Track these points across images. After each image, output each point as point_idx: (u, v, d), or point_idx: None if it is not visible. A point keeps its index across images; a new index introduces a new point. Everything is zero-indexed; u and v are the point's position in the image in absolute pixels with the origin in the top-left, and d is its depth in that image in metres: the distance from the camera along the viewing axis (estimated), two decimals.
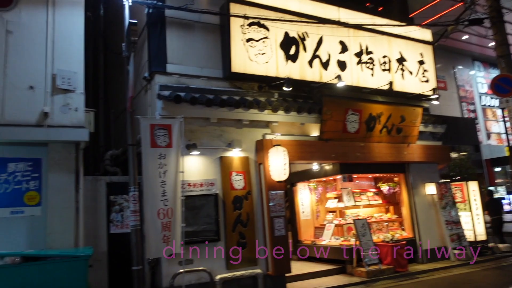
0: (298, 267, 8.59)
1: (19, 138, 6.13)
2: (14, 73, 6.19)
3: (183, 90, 6.94)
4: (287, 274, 7.46)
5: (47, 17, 6.56)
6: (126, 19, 6.61)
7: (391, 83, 9.17)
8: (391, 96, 9.37)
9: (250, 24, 7.62)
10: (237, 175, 7.33)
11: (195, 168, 7.06)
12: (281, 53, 7.97)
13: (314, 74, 8.32)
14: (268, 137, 7.70)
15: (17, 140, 6.19)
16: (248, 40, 7.59)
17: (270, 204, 7.31)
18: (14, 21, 6.36)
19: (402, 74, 9.73)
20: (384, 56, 9.47)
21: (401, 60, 9.76)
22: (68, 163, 6.41)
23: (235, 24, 7.47)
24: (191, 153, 6.94)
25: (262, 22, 7.75)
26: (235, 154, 7.43)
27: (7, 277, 5.04)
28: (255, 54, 7.62)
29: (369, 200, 10.17)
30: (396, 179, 10.22)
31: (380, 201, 10.37)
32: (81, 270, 5.35)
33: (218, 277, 6.78)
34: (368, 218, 9.32)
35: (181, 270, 6.34)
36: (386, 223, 9.99)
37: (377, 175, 10.47)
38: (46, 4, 6.57)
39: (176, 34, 7.35)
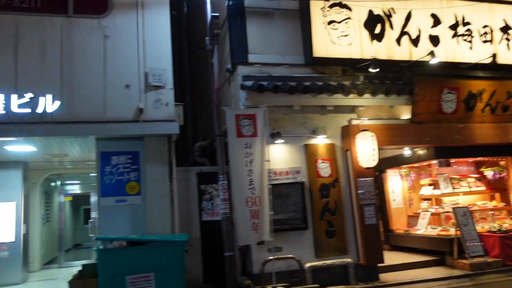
0: (391, 257, 8.19)
1: (119, 133, 6.69)
2: (112, 74, 6.75)
3: (265, 79, 6.94)
4: (380, 264, 7.14)
5: (137, 19, 7.02)
6: (208, 13, 6.79)
7: (494, 56, 8.17)
8: (495, 70, 8.35)
9: (331, 6, 7.34)
10: (323, 162, 7.16)
11: (280, 156, 7.05)
12: (365, 33, 7.55)
13: (403, 52, 7.75)
14: (355, 122, 7.38)
15: (117, 135, 6.76)
16: (330, 22, 7.31)
17: (359, 191, 7.04)
18: (110, 26, 6.91)
19: (508, 44, 8.61)
20: (485, 26, 8.46)
21: (505, 29, 8.64)
22: (162, 155, 6.84)
23: (315, 8, 7.25)
24: (275, 142, 6.95)
25: (344, 2, 7.41)
26: (320, 141, 7.27)
27: (115, 258, 5.52)
28: (337, 36, 7.33)
29: (470, 187, 9.29)
30: (502, 162, 9.17)
31: (483, 188, 9.41)
32: (178, 255, 5.68)
33: (307, 265, 6.73)
34: (469, 206, 8.52)
35: (271, 257, 6.41)
36: (492, 212, 9.04)
37: (479, 159, 9.47)
38: (136, 7, 7.03)
39: (256, 24, 7.36)
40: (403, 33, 7.78)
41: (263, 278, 6.37)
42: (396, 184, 9.95)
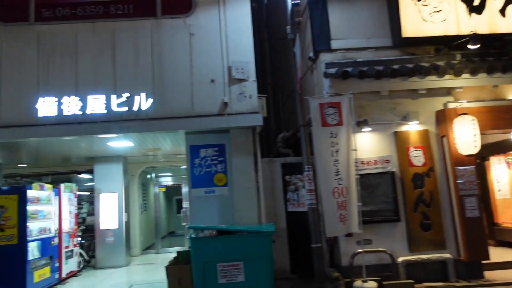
0: (497, 254, 7.38)
1: (206, 127, 6.95)
2: (198, 70, 7.02)
3: (350, 65, 6.64)
4: (484, 261, 6.47)
5: (220, 15, 7.20)
6: (289, 3, 6.69)
7: None
8: None
9: None
10: (415, 150, 6.67)
11: (367, 145, 6.73)
12: (461, 6, 6.82)
13: (509, 24, 6.85)
14: (451, 105, 6.73)
15: (204, 129, 7.04)
16: None
17: (459, 181, 6.42)
18: (194, 24, 7.18)
19: None
20: None
21: None
22: (247, 147, 6.96)
23: None
24: (362, 130, 6.64)
25: None
26: (412, 128, 6.77)
27: (206, 246, 5.76)
28: (429, 13, 6.72)
29: None
30: None
31: None
32: (266, 245, 5.74)
33: (400, 259, 6.36)
34: None
35: (360, 250, 6.18)
36: None
37: None
38: (218, 3, 7.21)
39: (338, 8, 7.06)
40: (508, 1, 6.87)
41: (352, 271, 6.17)
42: (501, 172, 8.92)
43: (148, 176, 13.39)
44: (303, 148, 6.37)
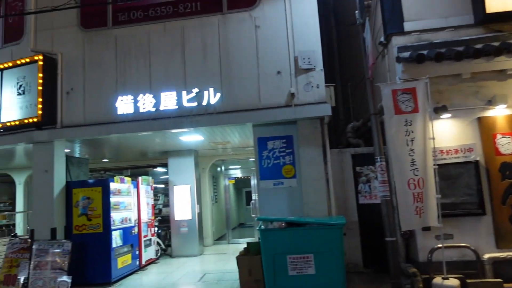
0: None
1: (273, 119, 6.94)
2: (264, 62, 7.02)
3: (425, 48, 6.17)
4: None
5: (285, 5, 7.12)
6: None
7: None
8: None
9: None
10: (503, 137, 6.05)
11: (447, 133, 6.24)
12: None
13: None
14: None
15: (271, 121, 7.03)
16: None
17: None
18: (260, 16, 7.18)
19: None
20: None
21: None
22: (315, 138, 6.83)
23: None
24: (440, 117, 6.17)
25: None
26: (499, 113, 6.14)
27: (276, 238, 5.76)
28: None
29: None
30: None
31: None
32: (336, 237, 5.60)
33: (486, 256, 5.84)
34: None
35: (439, 245, 5.77)
36: None
37: None
38: None
39: None
40: None
41: (430, 267, 5.79)
42: None
43: (218, 169, 13.78)
44: (375, 137, 6.08)
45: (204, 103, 7.14)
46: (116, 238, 7.99)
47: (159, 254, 10.15)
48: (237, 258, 6.25)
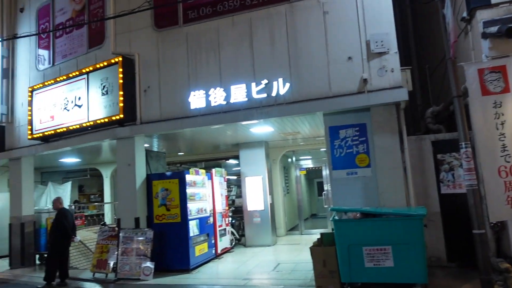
0: None
1: (345, 106, 6.71)
2: (334, 49, 6.81)
3: None
4: None
5: None
6: None
7: None
8: None
9: None
10: None
11: None
12: None
13: None
14: None
15: (343, 109, 6.80)
16: None
17: None
18: (328, 1, 6.96)
19: None
20: None
21: None
22: (390, 124, 6.49)
23: None
24: None
25: None
26: None
27: (351, 229, 5.60)
28: None
29: None
30: None
31: None
32: (417, 229, 5.28)
33: None
34: None
35: None
36: None
37: None
38: None
39: None
40: None
41: None
42: None
43: (289, 159, 13.77)
44: (459, 122, 5.59)
45: (274, 94, 7.13)
46: (193, 228, 8.35)
47: (233, 243, 10.44)
48: (311, 248, 6.19)
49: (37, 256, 10.39)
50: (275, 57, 7.25)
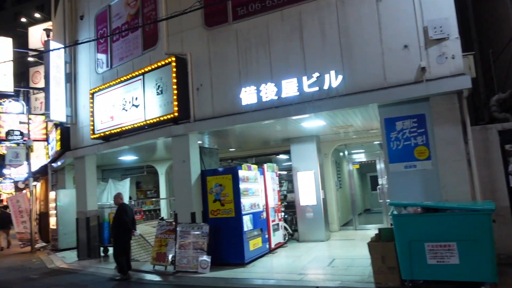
0: None
1: (402, 97, 6.46)
2: (388, 37, 6.56)
3: None
4: None
5: None
6: None
7: None
8: None
9: None
10: None
11: None
12: None
13: None
14: None
15: (399, 100, 6.55)
16: None
17: None
18: None
19: None
20: None
21: None
22: (452, 114, 6.16)
23: None
24: None
25: None
26: None
27: (412, 224, 5.39)
28: None
29: None
30: None
31: None
32: (484, 224, 4.99)
33: None
34: None
35: None
36: None
37: None
38: None
39: None
40: None
41: None
42: None
43: (341, 153, 13.52)
44: None
45: (326, 87, 7.01)
46: (247, 222, 8.45)
47: (286, 238, 10.44)
48: (369, 244, 6.04)
49: (101, 248, 11.04)
50: (326, 50, 7.12)
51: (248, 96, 7.83)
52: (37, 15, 24.35)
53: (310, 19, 7.33)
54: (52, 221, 13.56)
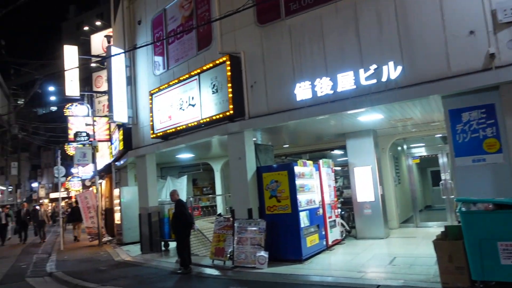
0: None
1: (468, 86, 6.07)
2: (451, 24, 6.19)
3: None
4: None
5: None
6: None
7: None
8: None
9: None
10: None
11: None
12: None
13: None
14: None
15: (465, 89, 6.16)
16: None
17: None
18: None
19: None
20: None
21: None
22: None
23: None
24: None
25: None
26: None
27: (482, 222, 5.06)
28: None
29: None
30: None
31: None
32: None
33: None
34: None
35: None
36: None
37: None
38: None
39: None
40: None
41: None
42: None
43: (399, 148, 13.01)
44: None
45: (384, 79, 6.76)
46: (304, 219, 8.40)
47: (344, 235, 10.25)
48: (434, 242, 5.75)
49: (162, 243, 11.53)
50: (383, 40, 6.86)
51: (302, 91, 7.76)
52: (98, 23, 25.83)
53: (365, 9, 7.10)
54: (117, 217, 14.38)
